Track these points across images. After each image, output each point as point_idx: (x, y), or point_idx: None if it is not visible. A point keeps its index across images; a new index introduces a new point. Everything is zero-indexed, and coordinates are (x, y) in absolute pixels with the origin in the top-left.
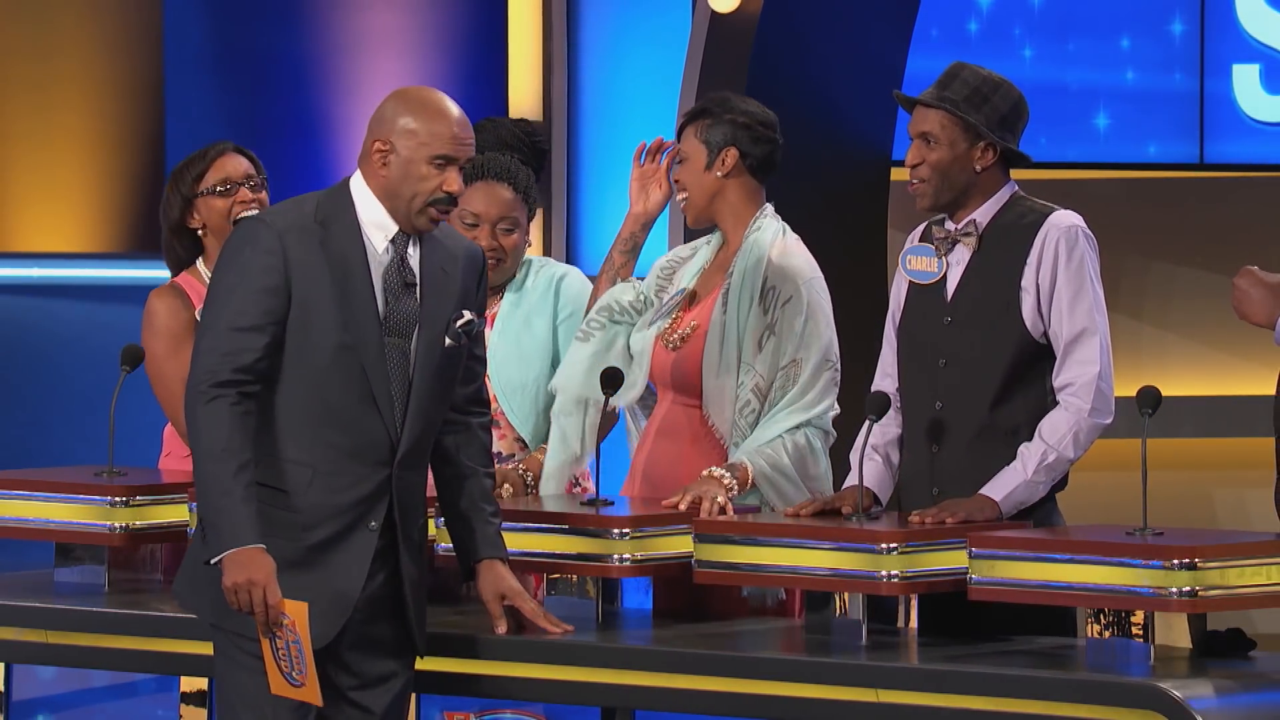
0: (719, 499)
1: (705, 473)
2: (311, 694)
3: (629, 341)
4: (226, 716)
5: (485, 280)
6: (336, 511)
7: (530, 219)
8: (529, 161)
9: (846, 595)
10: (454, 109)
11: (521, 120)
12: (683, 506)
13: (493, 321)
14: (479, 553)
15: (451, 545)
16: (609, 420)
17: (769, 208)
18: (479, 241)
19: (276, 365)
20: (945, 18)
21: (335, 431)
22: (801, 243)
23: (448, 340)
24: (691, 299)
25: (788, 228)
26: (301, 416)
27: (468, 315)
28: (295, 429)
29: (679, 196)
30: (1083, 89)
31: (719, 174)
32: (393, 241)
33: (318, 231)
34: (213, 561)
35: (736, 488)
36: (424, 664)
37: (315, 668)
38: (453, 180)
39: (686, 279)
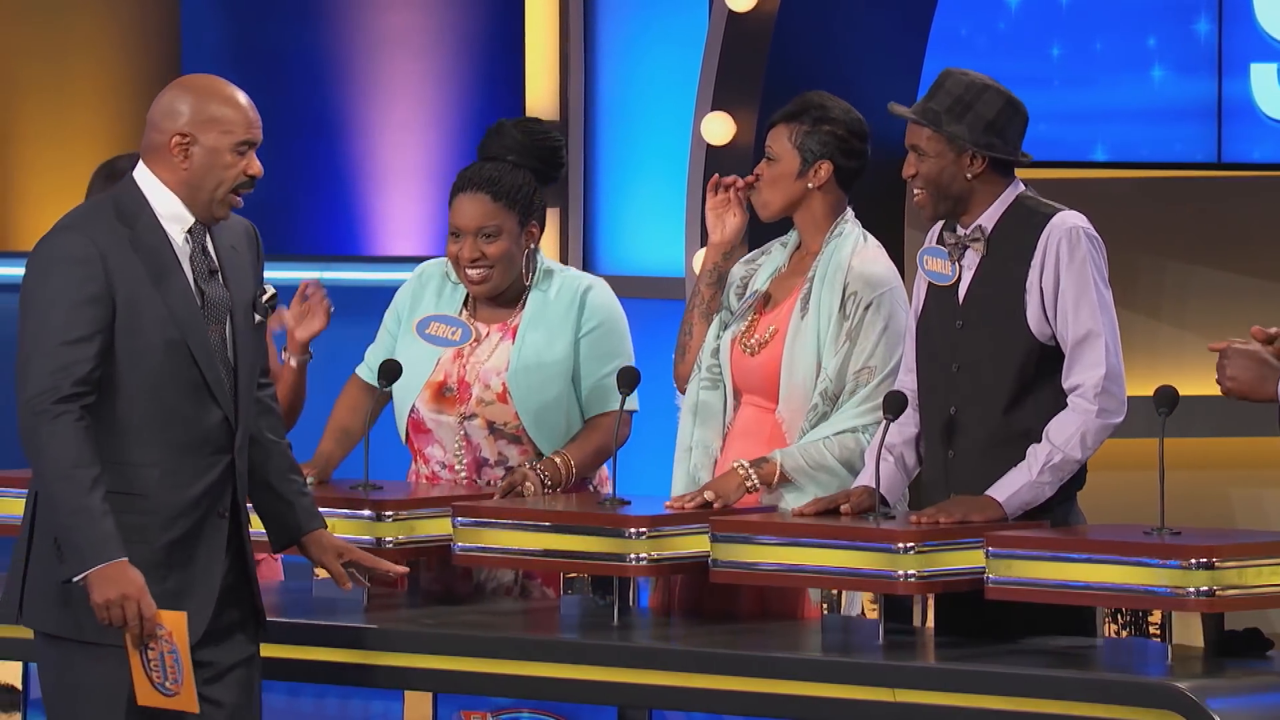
0: (706, 494)
1: (731, 465)
2: (188, 702)
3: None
4: None
5: (262, 253)
6: (188, 506)
7: (526, 223)
8: (540, 163)
9: (843, 594)
10: (241, 93)
11: (530, 121)
12: (689, 506)
13: (513, 334)
14: (307, 525)
15: (265, 521)
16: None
17: (850, 212)
18: (462, 253)
19: (109, 371)
20: (974, 17)
21: (175, 427)
22: (883, 250)
23: (257, 316)
24: (766, 301)
25: (869, 234)
26: (140, 418)
27: (271, 290)
28: (135, 431)
29: (756, 193)
30: (1108, 88)
31: (810, 185)
32: (190, 232)
33: (125, 232)
34: (76, 580)
35: (758, 481)
36: (441, 663)
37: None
38: (254, 163)
39: (760, 282)
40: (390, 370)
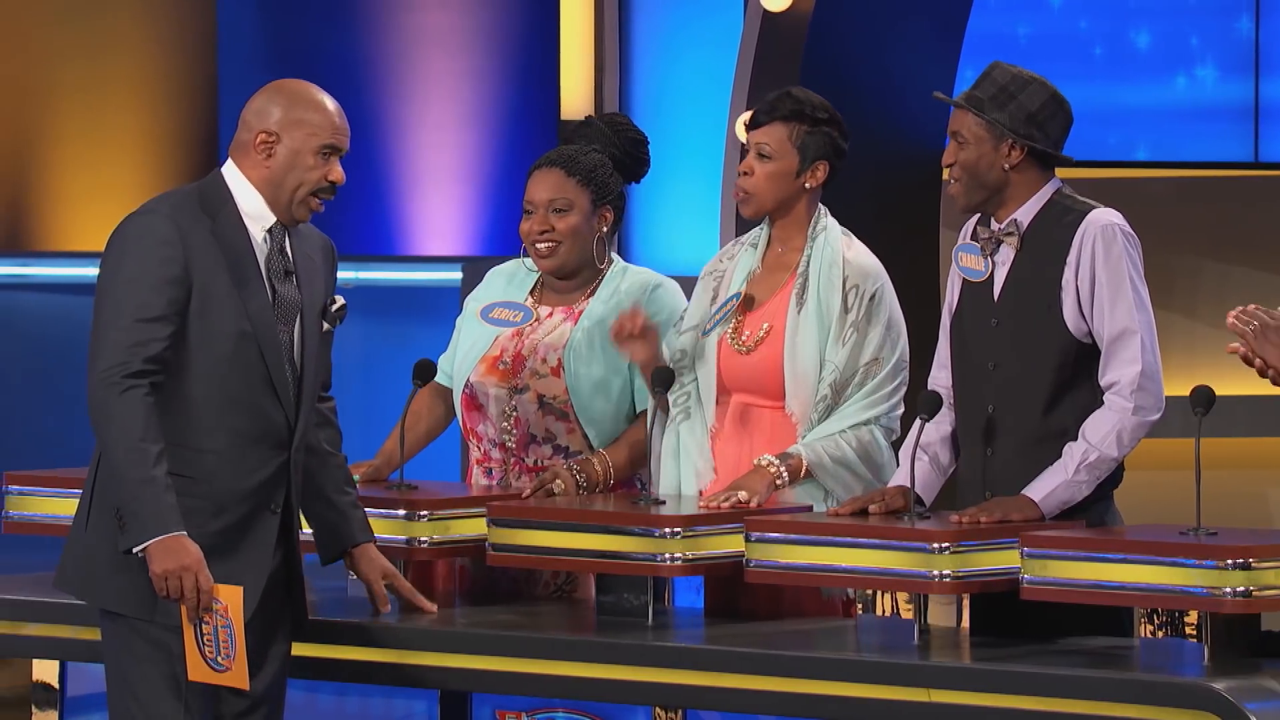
0: (740, 494)
1: (756, 461)
2: (239, 678)
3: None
4: (120, 705)
5: (336, 268)
6: (242, 497)
7: (599, 205)
8: (623, 154)
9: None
10: (333, 101)
11: (616, 115)
12: (712, 506)
13: (577, 319)
14: (355, 537)
15: (314, 529)
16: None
17: (823, 207)
18: (533, 227)
19: (179, 355)
20: (1014, 15)
21: (238, 417)
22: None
23: (325, 325)
24: (747, 302)
25: (847, 229)
26: (205, 404)
27: (341, 300)
28: (199, 416)
29: (742, 187)
30: (1147, 88)
31: (807, 185)
32: (270, 232)
33: (205, 220)
34: (136, 550)
35: (787, 476)
36: (477, 662)
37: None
38: (336, 169)
39: (736, 284)
40: (424, 370)
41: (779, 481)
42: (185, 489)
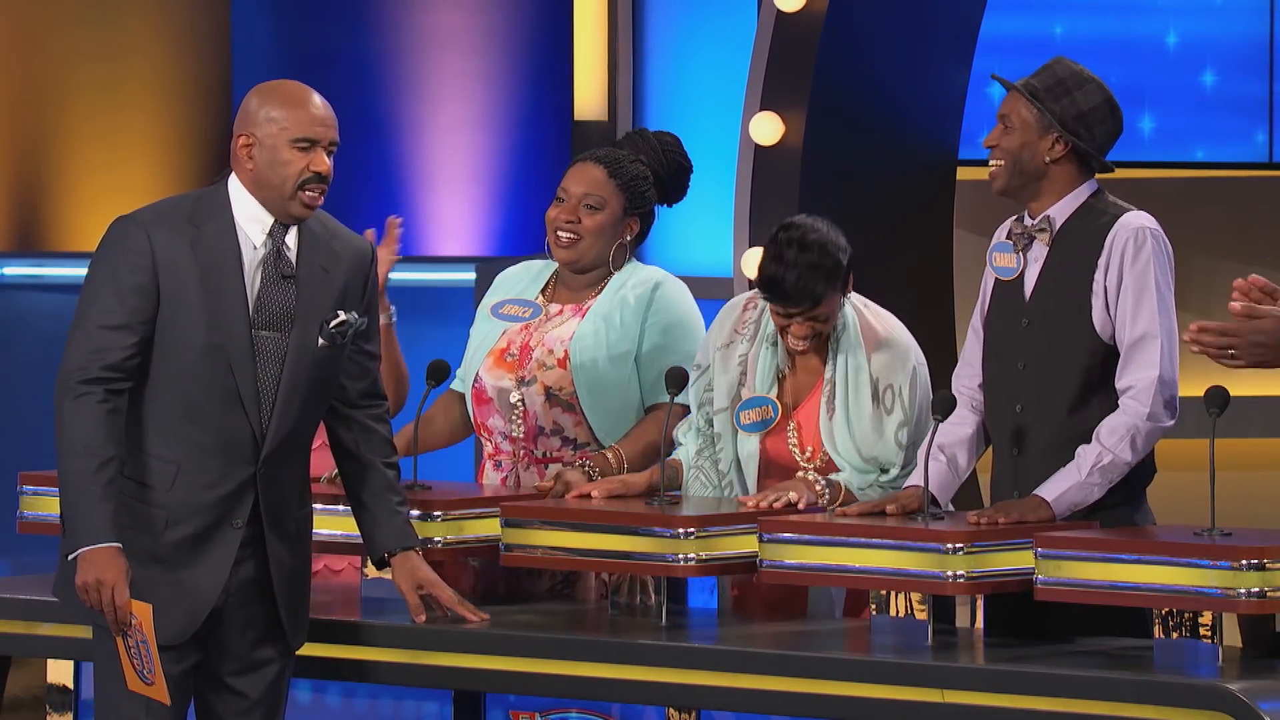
0: (790, 495)
1: (798, 474)
2: (160, 693)
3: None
4: (105, 707)
5: (374, 279)
6: (199, 509)
7: (630, 212)
8: (666, 174)
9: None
10: (313, 95)
11: (667, 134)
12: (763, 505)
13: (584, 314)
14: (391, 544)
15: (360, 534)
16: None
17: (852, 297)
18: (560, 215)
19: (146, 362)
20: (1027, 16)
21: (200, 429)
22: (880, 309)
23: (320, 341)
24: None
25: (867, 302)
26: (168, 413)
27: (343, 316)
28: (161, 425)
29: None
30: (1161, 87)
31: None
32: (270, 234)
33: (189, 230)
34: (69, 558)
35: (829, 495)
36: (490, 663)
37: (161, 668)
38: (318, 160)
39: (763, 382)
40: (437, 370)
41: (822, 498)
42: (143, 496)
